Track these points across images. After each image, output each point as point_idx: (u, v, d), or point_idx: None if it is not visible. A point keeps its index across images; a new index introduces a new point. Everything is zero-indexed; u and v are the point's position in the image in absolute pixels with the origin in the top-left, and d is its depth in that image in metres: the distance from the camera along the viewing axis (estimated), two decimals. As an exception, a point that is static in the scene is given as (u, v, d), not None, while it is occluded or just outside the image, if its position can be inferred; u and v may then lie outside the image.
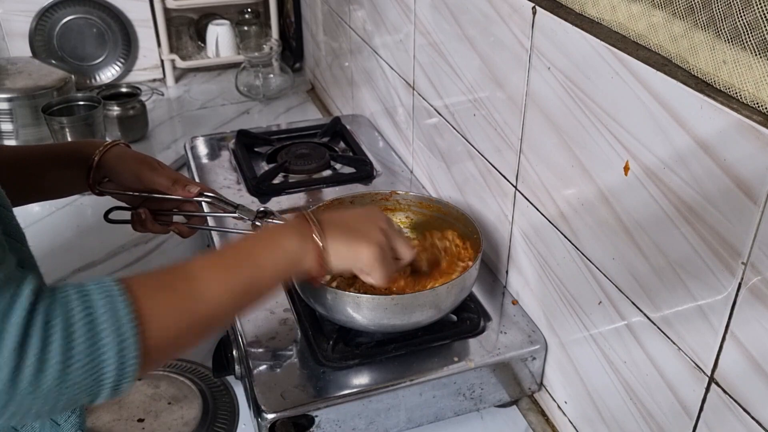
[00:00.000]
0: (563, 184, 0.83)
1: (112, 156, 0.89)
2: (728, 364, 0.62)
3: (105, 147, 0.89)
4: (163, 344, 0.58)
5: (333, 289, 0.84)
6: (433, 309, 0.86)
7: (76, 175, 0.88)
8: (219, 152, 1.39)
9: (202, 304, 0.62)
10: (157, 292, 0.59)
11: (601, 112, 0.73)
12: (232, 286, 0.65)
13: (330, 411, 0.83)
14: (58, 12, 1.92)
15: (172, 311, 0.59)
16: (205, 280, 0.63)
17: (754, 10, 0.54)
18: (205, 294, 0.62)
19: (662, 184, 0.66)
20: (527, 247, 0.95)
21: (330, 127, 1.44)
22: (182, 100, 1.96)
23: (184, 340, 0.62)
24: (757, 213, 0.56)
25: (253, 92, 1.92)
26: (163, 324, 0.58)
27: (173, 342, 0.60)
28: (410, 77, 1.25)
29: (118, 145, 0.91)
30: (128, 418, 0.95)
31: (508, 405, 0.97)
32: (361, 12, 1.47)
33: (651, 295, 0.71)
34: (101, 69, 2.01)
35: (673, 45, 0.64)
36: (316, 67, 1.95)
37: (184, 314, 0.60)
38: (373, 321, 0.85)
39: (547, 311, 0.92)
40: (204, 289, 0.62)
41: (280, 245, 0.70)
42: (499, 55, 0.92)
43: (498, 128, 0.96)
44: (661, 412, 0.73)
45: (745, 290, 0.58)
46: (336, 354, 0.87)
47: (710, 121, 0.59)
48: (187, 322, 0.61)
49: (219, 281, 0.64)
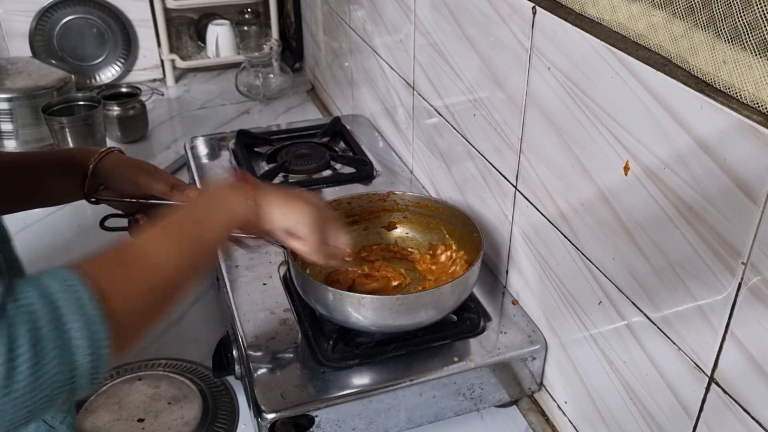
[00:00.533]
0: (563, 184, 0.83)
1: (108, 163, 0.88)
2: (728, 364, 0.62)
3: (100, 154, 0.88)
4: (131, 320, 0.59)
5: (334, 290, 0.84)
6: (435, 310, 0.86)
7: (71, 183, 0.88)
8: (219, 152, 1.39)
9: (154, 271, 0.63)
10: (112, 270, 0.60)
11: (601, 112, 0.73)
12: (178, 247, 0.66)
13: (330, 411, 0.83)
14: (58, 12, 1.92)
15: (130, 285, 0.60)
16: (152, 249, 0.64)
17: (754, 10, 0.54)
18: (155, 261, 0.63)
19: (662, 184, 0.66)
20: (527, 247, 0.95)
21: (330, 127, 1.44)
22: (182, 100, 1.96)
23: (149, 312, 0.62)
24: (757, 213, 0.56)
25: (253, 92, 1.92)
26: (125, 299, 0.58)
27: (140, 315, 0.61)
28: (410, 77, 1.25)
29: (112, 152, 0.90)
30: (128, 418, 0.95)
31: (508, 405, 0.97)
32: (361, 12, 1.47)
33: (651, 295, 0.71)
34: (101, 69, 2.01)
35: (673, 45, 0.64)
36: (316, 67, 1.95)
37: (141, 285, 0.61)
38: (374, 321, 0.85)
39: (547, 311, 0.92)
40: (153, 256, 0.63)
41: (217, 198, 0.74)
42: (499, 55, 0.92)
43: (498, 128, 0.96)
44: (661, 412, 0.73)
45: (745, 290, 0.58)
46: (336, 354, 0.87)
47: (710, 121, 0.59)
48: (146, 293, 0.61)
49: (165, 246, 0.65)
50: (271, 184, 0.81)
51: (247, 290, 0.99)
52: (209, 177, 1.29)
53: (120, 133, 1.69)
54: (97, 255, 0.61)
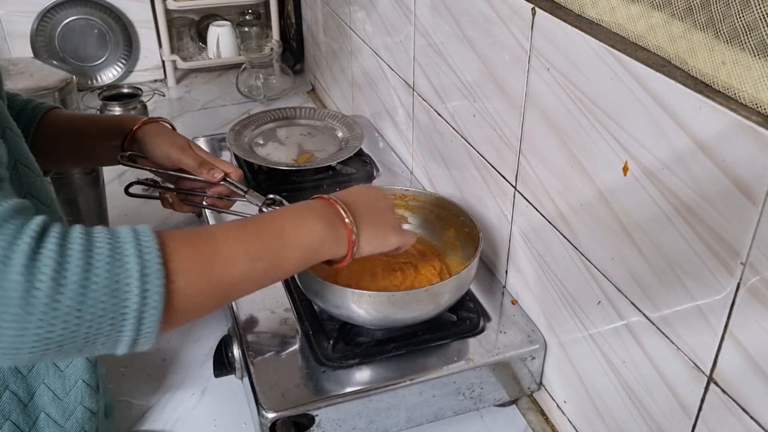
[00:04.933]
0: (562, 184, 0.83)
1: (148, 131, 0.92)
2: (727, 364, 0.62)
3: (143, 121, 0.93)
4: (185, 302, 0.57)
5: (334, 285, 0.84)
6: (432, 305, 0.86)
7: (114, 147, 0.92)
8: (220, 152, 1.40)
9: (221, 266, 0.61)
10: (185, 247, 0.59)
11: (600, 112, 0.73)
12: (253, 253, 0.64)
13: (330, 410, 0.83)
14: (60, 13, 1.93)
15: (196, 267, 0.59)
16: (227, 243, 0.62)
17: (753, 11, 0.54)
18: (226, 256, 0.61)
19: (661, 185, 0.66)
20: (527, 247, 0.95)
21: (330, 128, 1.44)
22: (183, 101, 1.96)
23: (204, 300, 0.60)
24: (755, 213, 0.56)
25: (254, 93, 1.92)
26: (187, 278, 0.57)
27: (194, 299, 0.59)
28: (410, 78, 1.25)
29: (157, 122, 0.94)
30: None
31: (508, 404, 0.98)
32: (361, 13, 1.47)
33: (650, 295, 0.71)
34: (102, 70, 2.01)
35: (672, 46, 0.64)
36: (317, 68, 1.96)
37: (205, 273, 0.60)
38: (373, 316, 0.85)
39: (546, 311, 0.93)
40: (226, 251, 0.62)
41: (307, 225, 0.69)
42: (498, 56, 0.92)
43: (497, 129, 0.96)
44: (660, 412, 0.73)
45: (744, 290, 0.59)
46: (336, 353, 0.88)
47: (709, 122, 0.59)
48: (207, 282, 0.60)
49: (240, 247, 0.63)
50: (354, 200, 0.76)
51: (247, 290, 0.99)
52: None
53: (121, 134, 1.69)
54: (178, 230, 0.61)
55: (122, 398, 0.99)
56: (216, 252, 0.61)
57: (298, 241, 0.68)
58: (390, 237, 0.77)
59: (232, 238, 0.63)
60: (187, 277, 0.57)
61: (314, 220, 0.70)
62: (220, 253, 0.61)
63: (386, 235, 0.77)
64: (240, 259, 0.62)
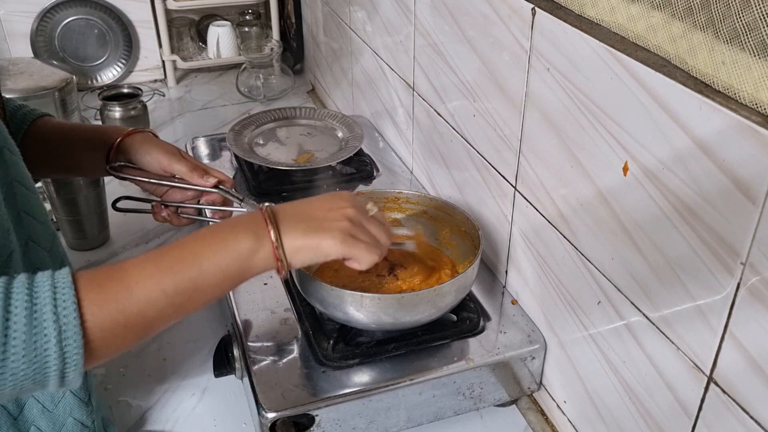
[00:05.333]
0: (562, 184, 0.83)
1: (135, 139, 0.90)
2: (727, 364, 0.62)
3: (129, 131, 0.91)
4: (103, 338, 0.59)
5: (334, 287, 0.84)
6: (434, 308, 0.86)
7: (99, 157, 0.90)
8: (220, 153, 1.40)
9: (137, 308, 0.60)
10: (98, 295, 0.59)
11: (600, 112, 0.73)
12: (167, 286, 0.62)
13: (330, 410, 0.83)
14: (60, 13, 1.93)
15: (110, 315, 0.59)
16: (141, 284, 0.61)
17: (753, 11, 0.54)
18: (142, 298, 0.61)
19: (661, 185, 0.66)
20: (527, 247, 0.95)
21: (330, 128, 1.44)
22: (183, 101, 1.96)
23: (123, 337, 0.61)
24: (755, 213, 0.56)
25: (254, 93, 1.92)
26: (103, 327, 0.58)
27: (113, 338, 0.60)
28: (410, 78, 1.25)
29: (143, 132, 0.92)
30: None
31: (508, 404, 0.98)
32: (361, 13, 1.47)
33: (650, 295, 0.71)
34: (102, 70, 2.01)
35: (672, 46, 0.64)
36: (317, 68, 1.96)
37: (120, 319, 0.59)
38: (373, 319, 0.85)
39: (546, 311, 0.93)
40: (140, 293, 0.61)
41: (228, 246, 0.66)
42: (498, 56, 0.92)
43: (497, 129, 0.96)
44: (660, 412, 0.73)
45: (744, 290, 0.59)
46: (336, 353, 0.88)
47: (709, 122, 0.59)
48: (123, 326, 0.60)
49: (155, 285, 0.62)
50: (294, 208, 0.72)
51: (247, 290, 1.00)
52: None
53: (121, 134, 1.69)
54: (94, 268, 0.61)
55: (122, 398, 0.99)
56: (130, 295, 0.60)
57: (219, 265, 0.65)
58: (324, 246, 0.70)
59: (147, 275, 0.62)
60: (103, 325, 0.58)
61: (238, 238, 0.67)
62: (135, 295, 0.60)
63: (319, 245, 0.70)
64: (155, 298, 0.61)
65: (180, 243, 0.66)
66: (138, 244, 1.31)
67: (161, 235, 1.33)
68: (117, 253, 1.30)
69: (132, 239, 1.33)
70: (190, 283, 0.64)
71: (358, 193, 1.06)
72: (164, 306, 0.62)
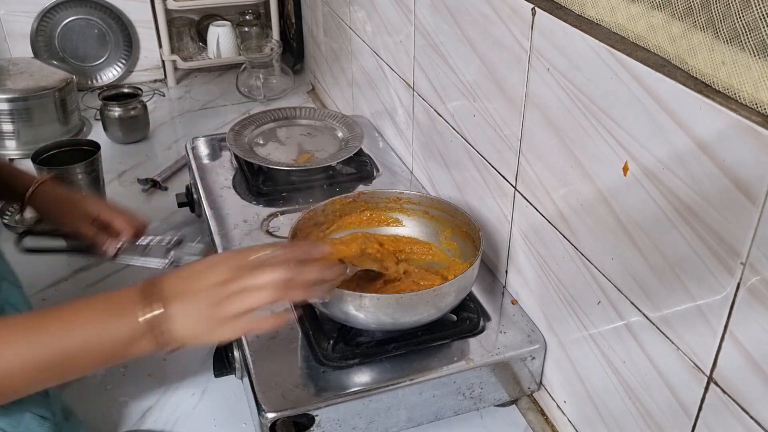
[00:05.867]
0: (562, 184, 0.83)
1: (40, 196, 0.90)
2: (727, 364, 0.62)
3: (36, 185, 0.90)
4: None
5: (335, 288, 0.84)
6: (434, 308, 0.86)
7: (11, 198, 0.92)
8: (220, 153, 1.39)
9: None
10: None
11: (600, 112, 0.73)
12: (28, 358, 0.60)
13: (330, 410, 0.83)
14: (60, 13, 1.93)
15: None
16: (5, 355, 0.59)
17: (753, 11, 0.54)
18: (3, 372, 0.59)
19: (661, 185, 0.66)
20: (527, 247, 0.95)
21: (330, 128, 1.44)
22: (183, 101, 1.96)
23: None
24: (755, 213, 0.56)
25: (254, 93, 1.93)
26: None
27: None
28: (410, 78, 1.25)
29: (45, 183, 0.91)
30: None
31: (508, 404, 0.98)
32: (361, 13, 1.47)
33: (650, 295, 0.71)
34: (102, 70, 2.01)
35: (672, 46, 0.64)
36: (317, 68, 1.96)
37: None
38: (374, 320, 0.85)
39: (546, 311, 0.93)
40: (1, 365, 0.59)
41: (103, 328, 0.63)
42: (498, 56, 0.92)
43: (497, 129, 0.96)
44: (660, 412, 0.73)
45: (744, 290, 0.59)
46: (336, 353, 0.88)
47: (709, 122, 0.59)
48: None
49: (14, 351, 0.60)
50: (177, 275, 0.68)
51: (247, 290, 0.99)
52: (210, 177, 1.29)
53: (121, 134, 1.69)
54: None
55: (122, 398, 0.99)
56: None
57: (89, 344, 0.62)
58: (216, 332, 0.67)
59: (11, 348, 0.59)
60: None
61: (114, 321, 0.63)
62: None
63: (212, 330, 0.67)
64: (10, 367, 0.59)
65: (53, 311, 0.63)
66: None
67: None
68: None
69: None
70: (59, 364, 0.62)
71: (357, 194, 1.06)
72: (30, 379, 0.61)
